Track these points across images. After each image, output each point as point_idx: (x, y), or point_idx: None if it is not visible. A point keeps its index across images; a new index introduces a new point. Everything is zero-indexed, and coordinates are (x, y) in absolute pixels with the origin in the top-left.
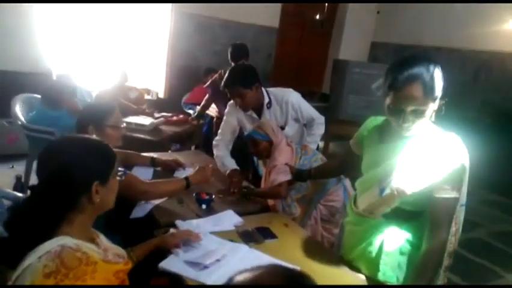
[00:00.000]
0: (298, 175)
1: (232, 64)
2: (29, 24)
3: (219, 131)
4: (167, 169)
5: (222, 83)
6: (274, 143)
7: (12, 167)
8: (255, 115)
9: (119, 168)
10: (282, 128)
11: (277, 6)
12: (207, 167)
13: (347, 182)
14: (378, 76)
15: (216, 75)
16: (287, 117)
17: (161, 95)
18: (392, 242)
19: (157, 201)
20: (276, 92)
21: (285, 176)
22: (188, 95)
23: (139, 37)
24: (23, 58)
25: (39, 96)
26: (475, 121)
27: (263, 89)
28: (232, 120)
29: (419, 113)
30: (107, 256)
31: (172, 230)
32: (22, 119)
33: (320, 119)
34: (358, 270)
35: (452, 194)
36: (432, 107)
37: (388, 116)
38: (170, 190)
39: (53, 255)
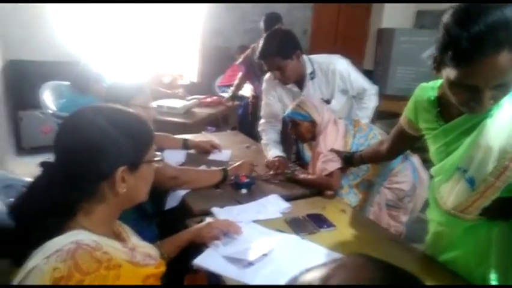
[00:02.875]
0: (349, 160)
1: None
2: (55, 13)
3: (261, 113)
4: (202, 151)
5: (257, 53)
6: (317, 124)
7: (49, 159)
8: (296, 88)
9: (157, 153)
10: (328, 102)
11: None
12: (250, 162)
13: (415, 158)
14: (429, 43)
15: (249, 50)
16: (334, 89)
17: (194, 79)
18: (505, 244)
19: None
20: (320, 59)
21: (334, 165)
22: (221, 77)
23: (168, 22)
24: (51, 47)
25: (67, 83)
26: None
27: (305, 56)
28: (272, 98)
29: (503, 90)
30: (134, 257)
31: (208, 219)
32: (52, 107)
33: (372, 89)
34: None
35: None
36: None
37: (451, 95)
38: (204, 179)
39: (65, 254)
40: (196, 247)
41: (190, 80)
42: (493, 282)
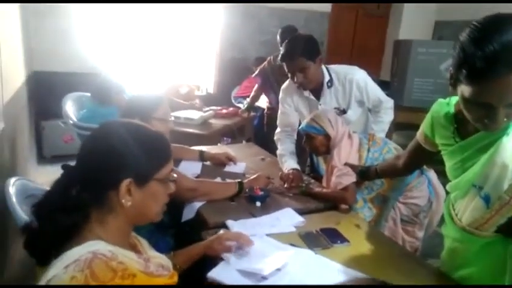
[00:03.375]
0: (364, 174)
1: None
2: (78, 26)
3: (278, 121)
4: (217, 163)
5: (280, 56)
6: (331, 137)
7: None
8: (312, 97)
9: (173, 174)
10: (344, 112)
11: None
12: (266, 176)
13: (432, 173)
14: (447, 55)
15: (265, 63)
16: (350, 99)
17: (210, 90)
18: None
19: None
20: (338, 69)
21: (349, 179)
22: (238, 88)
23: (186, 33)
24: (74, 59)
25: (89, 94)
26: None
27: (322, 66)
28: (287, 107)
29: None
30: (148, 267)
31: (221, 231)
32: (73, 117)
33: (389, 103)
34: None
35: None
36: None
37: (465, 111)
38: (220, 191)
39: (82, 264)
40: (211, 260)
41: (206, 91)
42: None
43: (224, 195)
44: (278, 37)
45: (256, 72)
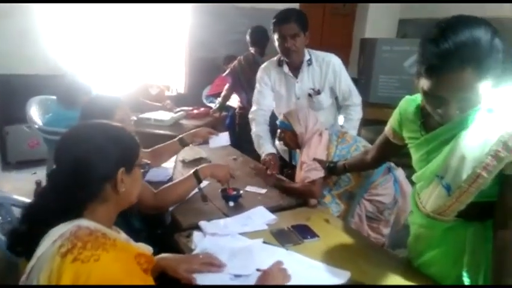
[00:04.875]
0: (332, 169)
1: (253, 50)
2: (40, 26)
3: (253, 99)
4: (201, 141)
5: (273, 19)
6: (298, 134)
7: (35, 173)
8: (290, 74)
9: (145, 160)
10: (318, 93)
11: None
12: (226, 166)
13: (399, 172)
14: (410, 52)
15: (235, 62)
16: (325, 82)
17: (181, 90)
18: (477, 244)
19: None
20: (317, 52)
21: (317, 173)
22: (209, 87)
23: (154, 33)
24: (36, 60)
25: (54, 97)
26: None
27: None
28: (264, 86)
29: (467, 103)
30: (129, 241)
31: (195, 234)
32: (39, 121)
33: (358, 99)
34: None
35: None
36: (488, 86)
37: (424, 103)
38: (183, 191)
39: (68, 234)
40: None
41: (177, 91)
42: (466, 281)
43: (188, 191)
44: (248, 37)
45: (227, 71)
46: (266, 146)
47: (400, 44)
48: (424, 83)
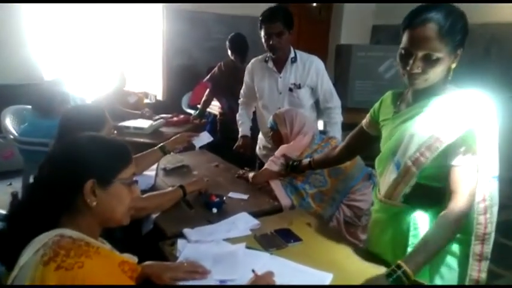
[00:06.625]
0: (294, 167)
1: (233, 57)
2: (11, 32)
3: (241, 92)
4: (183, 146)
5: (260, 16)
6: (283, 135)
7: (10, 184)
8: (274, 69)
9: (134, 178)
10: (299, 87)
11: None
12: (202, 179)
13: None
14: (384, 58)
15: (215, 69)
16: (307, 78)
17: (159, 98)
18: (418, 231)
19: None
20: (303, 52)
21: (271, 165)
22: (190, 95)
23: (131, 39)
24: (12, 69)
25: (29, 106)
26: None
27: (291, 47)
28: (250, 81)
29: (431, 60)
30: (113, 251)
31: (179, 242)
32: (13, 132)
33: (338, 102)
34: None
35: (467, 159)
36: (449, 60)
37: (399, 65)
38: (168, 201)
39: (50, 243)
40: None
41: (155, 99)
42: None
43: (173, 202)
44: (228, 43)
45: (207, 77)
46: (242, 127)
47: (374, 50)
48: (402, 42)
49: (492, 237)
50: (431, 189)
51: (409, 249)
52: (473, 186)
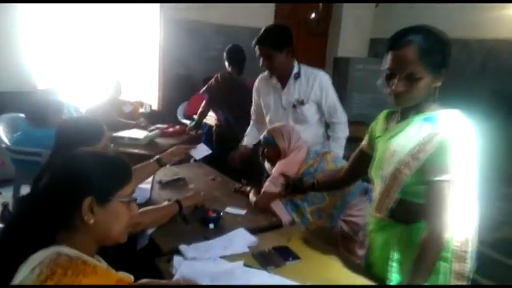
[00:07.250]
0: (296, 188)
1: (230, 68)
2: (8, 40)
3: (251, 110)
4: (180, 158)
5: (254, 40)
6: (281, 150)
7: (0, 193)
8: (279, 85)
9: (132, 196)
10: (302, 103)
11: (271, 7)
12: (200, 193)
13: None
14: (382, 71)
15: (212, 80)
16: (310, 93)
17: (155, 107)
18: (402, 244)
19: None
20: (307, 67)
21: (271, 187)
22: (186, 105)
23: (128, 48)
24: (5, 77)
25: (23, 115)
26: (488, 112)
27: (296, 61)
28: (256, 97)
29: (414, 79)
30: (109, 269)
31: (176, 259)
32: (6, 141)
33: (343, 117)
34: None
35: (442, 177)
36: (432, 79)
37: (383, 84)
38: (163, 217)
39: (47, 261)
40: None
41: (151, 108)
42: (394, 277)
43: (168, 217)
44: (225, 54)
45: (204, 88)
46: (245, 139)
47: (372, 63)
48: (384, 62)
49: (470, 256)
50: (415, 205)
51: (396, 265)
52: (447, 204)
